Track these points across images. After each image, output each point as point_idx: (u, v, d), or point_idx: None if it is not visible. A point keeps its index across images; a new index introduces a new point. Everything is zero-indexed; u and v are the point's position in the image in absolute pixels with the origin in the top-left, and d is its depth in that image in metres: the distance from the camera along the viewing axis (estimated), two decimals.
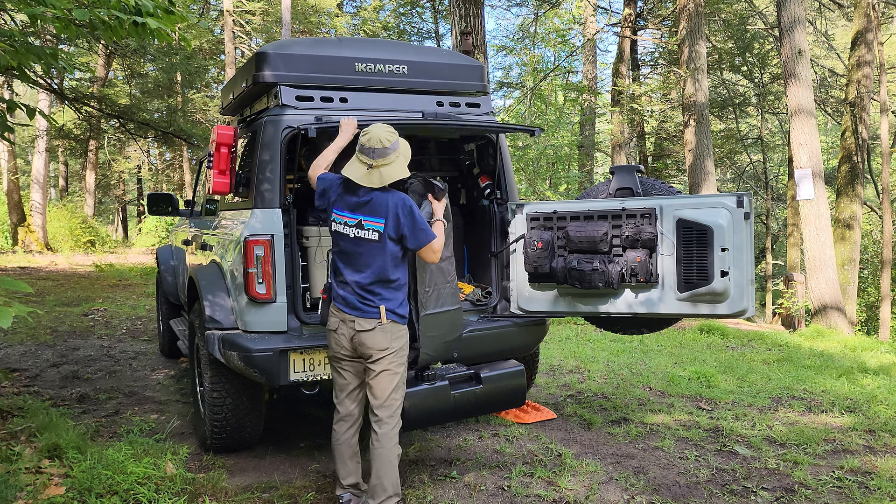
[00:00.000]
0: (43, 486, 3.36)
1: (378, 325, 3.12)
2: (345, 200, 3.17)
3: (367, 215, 3.10)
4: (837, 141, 18.35)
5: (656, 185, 4.29)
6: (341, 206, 3.17)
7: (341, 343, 3.20)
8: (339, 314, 3.18)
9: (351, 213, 3.14)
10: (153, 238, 20.98)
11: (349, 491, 3.34)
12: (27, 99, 21.57)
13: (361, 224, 3.11)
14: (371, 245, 3.11)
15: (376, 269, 3.12)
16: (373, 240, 3.10)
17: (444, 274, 3.58)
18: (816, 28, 19.85)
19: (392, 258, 3.13)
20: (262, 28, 20.35)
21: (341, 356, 3.24)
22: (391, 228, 3.09)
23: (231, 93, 4.71)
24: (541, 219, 4.26)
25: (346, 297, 3.16)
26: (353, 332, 3.14)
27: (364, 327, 3.11)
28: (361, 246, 3.12)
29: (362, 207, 3.12)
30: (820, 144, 11.78)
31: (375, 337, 3.11)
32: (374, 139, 3.09)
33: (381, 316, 3.11)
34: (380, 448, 3.16)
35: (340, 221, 3.17)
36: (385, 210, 3.09)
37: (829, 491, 3.68)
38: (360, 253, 3.13)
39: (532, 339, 4.44)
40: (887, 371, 6.71)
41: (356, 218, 3.12)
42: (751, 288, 3.72)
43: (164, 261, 6.37)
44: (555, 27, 22.53)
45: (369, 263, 3.12)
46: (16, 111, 4.32)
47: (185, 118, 17.63)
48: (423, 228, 3.11)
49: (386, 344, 3.13)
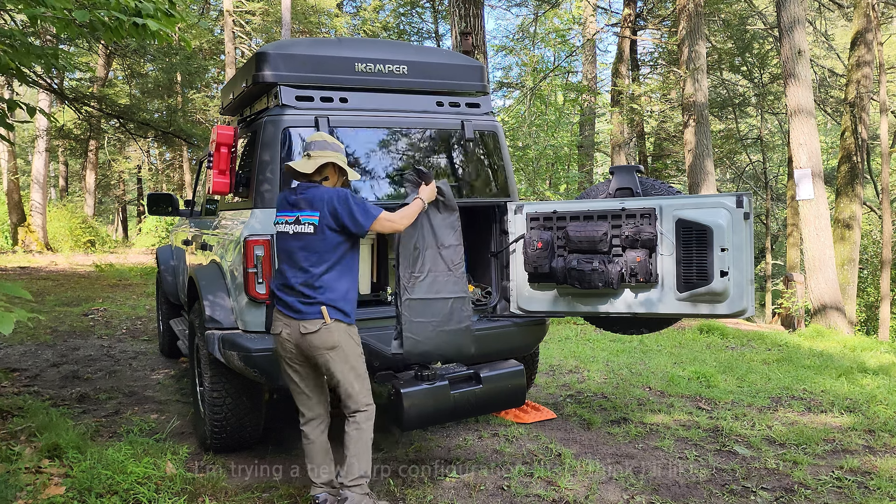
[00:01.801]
0: (43, 486, 3.36)
1: (322, 325, 3.16)
2: (285, 203, 3.31)
3: (302, 210, 3.22)
4: (837, 141, 18.35)
5: (656, 185, 4.29)
6: (282, 209, 3.31)
7: (287, 347, 3.25)
8: (284, 318, 3.23)
9: (289, 212, 3.26)
10: (153, 238, 20.97)
11: (324, 490, 3.34)
12: (27, 99, 21.54)
13: (298, 220, 3.22)
14: (308, 238, 3.20)
15: (314, 260, 3.19)
16: (308, 232, 3.19)
17: (445, 261, 3.61)
18: (816, 28, 19.85)
19: (330, 249, 3.20)
20: (262, 28, 20.35)
21: (291, 360, 3.29)
22: (328, 219, 3.18)
23: (231, 93, 4.71)
24: (540, 219, 4.26)
25: (289, 301, 3.21)
26: (298, 335, 3.19)
27: (309, 329, 3.16)
28: (300, 240, 3.21)
29: (299, 204, 3.24)
30: (819, 144, 11.79)
31: (321, 336, 3.16)
32: (315, 135, 3.36)
33: (325, 316, 3.16)
34: (358, 435, 3.23)
35: (281, 222, 3.29)
36: (320, 203, 3.19)
37: (828, 491, 3.68)
38: (299, 247, 3.21)
39: (532, 338, 4.44)
40: (887, 371, 6.72)
41: (294, 215, 3.24)
42: (750, 288, 3.72)
43: (164, 261, 6.37)
44: (554, 27, 22.54)
45: (307, 257, 3.19)
46: (16, 110, 4.33)
47: (185, 118, 17.63)
48: (363, 210, 3.20)
49: (333, 342, 3.17)
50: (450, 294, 3.65)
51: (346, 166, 3.32)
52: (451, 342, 3.70)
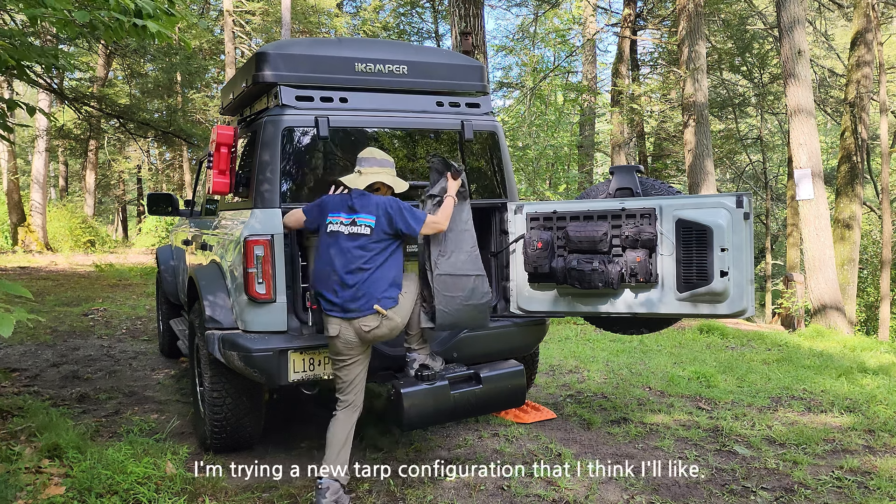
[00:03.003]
0: (43, 486, 3.36)
1: (382, 319, 3.43)
2: (340, 207, 3.54)
3: (359, 214, 3.49)
4: (837, 141, 18.35)
5: (656, 185, 4.29)
6: (336, 211, 3.54)
7: (339, 349, 3.45)
8: (339, 321, 3.42)
9: (346, 214, 3.51)
10: (153, 238, 20.97)
11: (333, 479, 3.35)
12: (27, 99, 21.53)
13: (355, 222, 3.49)
14: (363, 239, 3.46)
15: (368, 258, 3.44)
16: (365, 234, 3.47)
17: (460, 243, 3.79)
18: (816, 28, 19.85)
19: (383, 249, 3.48)
20: (261, 28, 20.34)
21: (348, 355, 3.46)
22: (383, 223, 3.47)
23: (231, 93, 4.71)
24: (540, 219, 4.26)
25: (340, 302, 3.41)
26: (362, 332, 3.42)
27: (371, 326, 3.41)
28: (356, 240, 3.46)
29: (355, 210, 3.50)
30: (819, 144, 11.79)
31: (383, 329, 3.44)
32: (366, 152, 3.65)
33: (381, 311, 3.40)
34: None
35: (336, 222, 3.51)
36: (376, 209, 3.49)
37: (828, 491, 3.68)
38: (355, 246, 3.45)
39: (532, 339, 4.44)
40: (887, 371, 6.72)
41: (350, 217, 3.50)
42: (750, 288, 3.72)
43: (164, 260, 6.37)
44: (554, 27, 22.54)
45: (362, 255, 3.44)
46: (15, 110, 4.33)
47: (185, 118, 17.62)
48: (414, 217, 3.52)
49: (394, 326, 3.47)
50: (471, 272, 3.82)
51: (394, 182, 3.61)
52: (474, 316, 3.83)
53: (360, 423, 4.61)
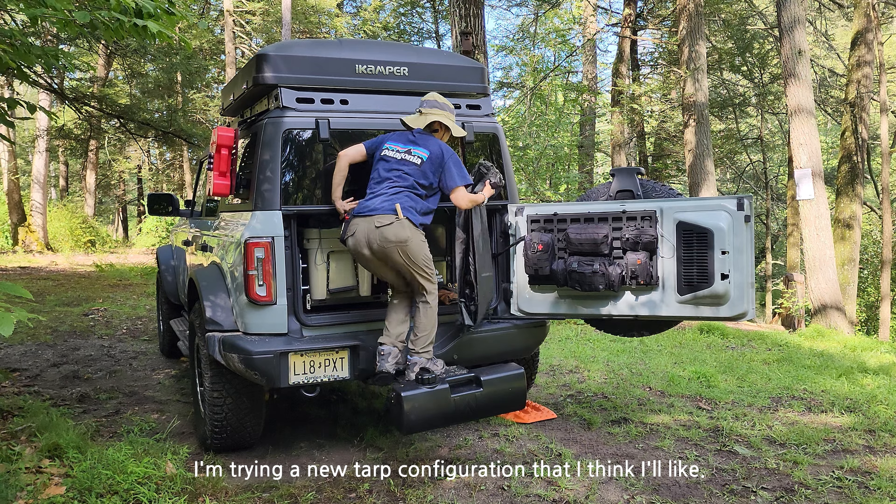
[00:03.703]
0: (43, 486, 3.36)
1: (395, 219, 3.63)
2: (399, 139, 3.86)
3: (418, 146, 3.81)
4: (837, 141, 18.34)
5: (657, 187, 4.30)
6: (395, 141, 3.85)
7: (360, 241, 3.68)
8: (360, 217, 3.69)
9: (403, 144, 3.83)
10: (153, 238, 20.97)
11: (393, 344, 3.75)
12: (28, 99, 21.52)
13: (410, 151, 3.80)
14: (412, 166, 3.76)
15: (409, 183, 3.73)
16: (415, 163, 3.77)
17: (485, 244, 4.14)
18: (816, 28, 19.85)
19: (426, 184, 3.77)
20: (262, 28, 20.34)
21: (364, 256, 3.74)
22: (434, 161, 3.77)
23: (231, 94, 4.71)
24: (541, 221, 4.26)
25: (369, 204, 3.69)
26: (372, 227, 3.63)
27: (383, 223, 3.62)
28: (406, 165, 3.76)
29: (415, 143, 3.83)
30: (820, 144, 11.78)
31: (394, 229, 3.62)
32: (430, 95, 3.97)
33: (398, 212, 3.64)
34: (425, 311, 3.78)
35: (392, 149, 3.82)
36: (433, 147, 3.80)
37: (828, 491, 3.68)
38: (401, 170, 3.75)
39: (532, 341, 4.45)
40: (887, 371, 6.72)
41: (407, 147, 3.81)
42: (751, 290, 3.72)
43: (165, 261, 6.37)
44: (555, 27, 22.52)
45: (405, 178, 3.73)
46: (16, 108, 4.33)
47: (185, 118, 17.61)
48: (460, 173, 3.80)
49: (406, 235, 3.63)
50: (489, 272, 4.10)
51: (452, 125, 3.91)
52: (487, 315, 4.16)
53: (360, 423, 4.63)
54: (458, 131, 3.96)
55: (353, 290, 4.21)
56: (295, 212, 3.86)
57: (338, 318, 3.96)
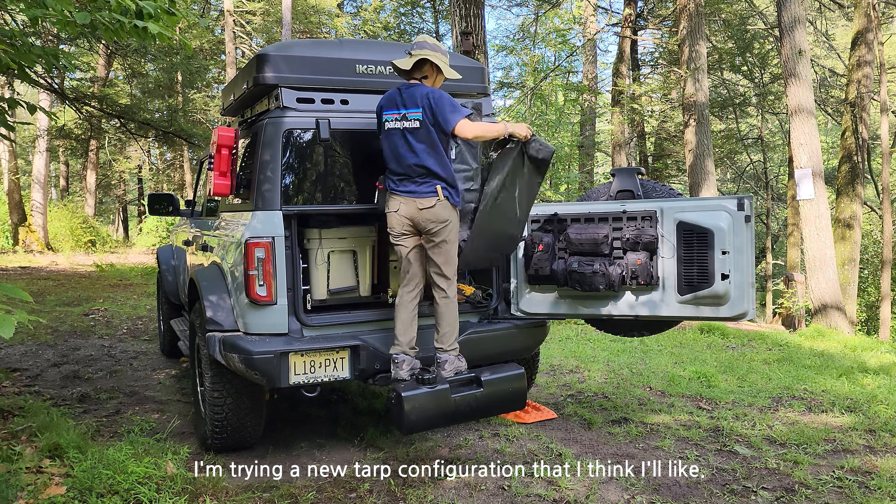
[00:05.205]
0: (43, 486, 3.36)
1: (437, 201, 3.61)
2: (391, 104, 3.71)
3: (408, 108, 3.63)
4: (837, 141, 18.34)
5: (657, 187, 4.30)
6: (389, 108, 3.72)
7: (402, 221, 3.69)
8: (400, 197, 3.67)
9: (395, 110, 3.68)
10: (154, 238, 20.97)
11: (405, 352, 3.72)
12: (28, 99, 21.52)
13: (405, 116, 3.65)
14: (417, 132, 3.63)
15: (425, 149, 3.61)
16: (416, 127, 3.63)
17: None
18: (816, 28, 19.85)
19: (436, 142, 3.62)
20: (262, 28, 20.34)
21: (401, 233, 3.73)
22: (429, 115, 3.59)
23: (232, 94, 4.71)
24: (541, 221, 4.26)
25: (405, 186, 3.65)
26: (415, 210, 3.63)
27: (425, 205, 3.61)
28: (412, 134, 3.63)
29: (402, 101, 3.65)
30: (820, 144, 11.78)
31: (436, 211, 3.62)
32: (420, 37, 3.79)
33: (438, 193, 3.61)
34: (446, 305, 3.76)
35: (390, 119, 3.70)
36: (419, 100, 3.61)
37: (829, 491, 3.68)
38: (414, 140, 3.63)
39: (532, 341, 4.45)
40: (887, 371, 6.72)
41: (400, 112, 3.66)
42: (751, 291, 3.72)
43: (165, 261, 6.37)
44: (555, 27, 22.50)
45: (419, 147, 3.61)
46: (16, 108, 4.34)
47: (185, 118, 17.62)
48: (453, 109, 3.58)
49: (446, 216, 3.63)
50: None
51: (442, 65, 3.70)
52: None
53: (360, 423, 4.63)
54: (451, 73, 3.77)
55: (353, 290, 4.22)
56: (295, 212, 3.86)
57: (338, 319, 3.96)
